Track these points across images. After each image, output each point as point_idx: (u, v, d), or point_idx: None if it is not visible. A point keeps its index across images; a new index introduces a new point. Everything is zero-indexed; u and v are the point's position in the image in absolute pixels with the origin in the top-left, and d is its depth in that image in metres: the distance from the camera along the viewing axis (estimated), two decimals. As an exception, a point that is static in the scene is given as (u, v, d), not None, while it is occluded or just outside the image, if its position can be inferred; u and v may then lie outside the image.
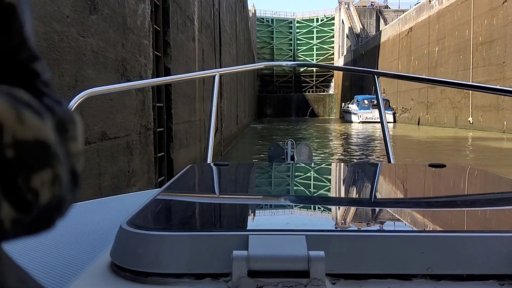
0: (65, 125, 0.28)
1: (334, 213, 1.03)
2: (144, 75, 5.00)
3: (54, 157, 0.26)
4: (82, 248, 1.00)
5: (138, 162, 4.71)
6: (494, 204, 1.09)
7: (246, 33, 32.61)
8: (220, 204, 1.09)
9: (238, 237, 0.68)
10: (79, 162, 0.30)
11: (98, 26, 3.64)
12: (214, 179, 1.46)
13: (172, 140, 6.51)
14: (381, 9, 61.56)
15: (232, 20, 19.77)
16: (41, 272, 0.88)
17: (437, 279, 0.67)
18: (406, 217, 0.95)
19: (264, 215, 1.03)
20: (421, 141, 19.38)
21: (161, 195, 1.03)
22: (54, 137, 0.27)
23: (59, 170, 0.27)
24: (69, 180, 0.28)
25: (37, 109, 0.26)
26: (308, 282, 0.62)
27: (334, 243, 0.68)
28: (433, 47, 30.88)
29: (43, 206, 0.26)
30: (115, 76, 4.05)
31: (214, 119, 2.17)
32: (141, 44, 4.94)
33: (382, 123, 2.28)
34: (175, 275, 0.67)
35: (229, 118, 16.38)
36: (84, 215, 1.27)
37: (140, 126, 4.82)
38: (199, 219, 0.97)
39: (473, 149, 15.30)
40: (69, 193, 0.28)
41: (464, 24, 26.49)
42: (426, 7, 32.56)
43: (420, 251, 0.67)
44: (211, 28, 11.53)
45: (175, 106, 6.60)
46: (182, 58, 7.42)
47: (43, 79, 0.30)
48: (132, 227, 0.72)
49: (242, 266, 0.62)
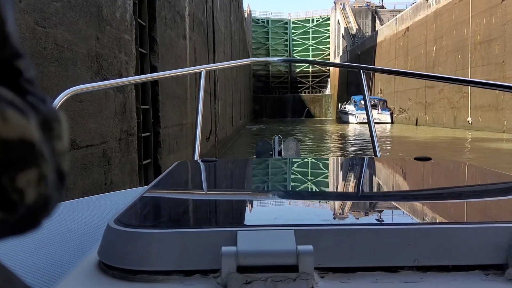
0: (50, 124, 0.28)
1: (322, 207, 1.04)
2: (125, 74, 4.45)
3: (39, 156, 0.26)
4: (70, 247, 0.99)
5: (118, 172, 4.16)
6: (478, 196, 1.10)
7: (242, 34, 32.12)
8: (208, 201, 1.09)
9: (227, 233, 0.68)
10: (65, 160, 0.29)
11: (63, 15, 3.09)
12: (202, 176, 1.45)
13: (160, 145, 5.97)
14: (376, 9, 61.33)
15: (227, 19, 19.27)
16: (28, 273, 0.87)
17: (423, 271, 0.68)
18: (392, 210, 0.97)
19: (252, 210, 1.02)
20: (419, 141, 18.99)
21: (149, 192, 1.02)
22: (39, 135, 0.27)
23: (44, 169, 0.27)
24: (55, 179, 0.28)
25: (21, 108, 0.26)
26: (297, 276, 0.63)
27: (322, 237, 0.68)
28: (430, 47, 30.59)
29: (29, 205, 0.26)
30: (87, 74, 3.50)
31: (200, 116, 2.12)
32: (121, 39, 4.39)
33: (368, 118, 2.27)
34: (164, 272, 0.66)
35: (224, 119, 15.87)
36: (71, 214, 1.26)
37: (120, 132, 4.27)
38: (187, 216, 0.96)
39: (473, 150, 14.88)
40: (55, 192, 0.28)
41: (462, 23, 26.23)
42: (423, 6, 32.25)
43: (407, 243, 0.68)
44: (204, 26, 11.00)
45: (163, 109, 6.05)
46: (171, 56, 6.87)
47: (27, 77, 0.29)
48: (119, 225, 0.71)
49: (231, 262, 0.63)
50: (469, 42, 25.23)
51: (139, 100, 5.22)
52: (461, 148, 15.90)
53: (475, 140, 18.54)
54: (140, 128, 5.21)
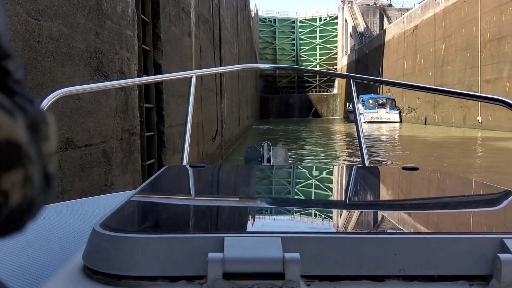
0: (37, 125, 0.28)
1: (310, 215, 1.03)
2: (127, 71, 4.29)
3: (25, 158, 0.26)
4: (54, 251, 0.98)
5: (119, 172, 4.00)
6: (464, 206, 1.10)
7: (248, 33, 31.95)
8: (196, 206, 1.09)
9: (214, 239, 0.68)
10: (52, 162, 0.29)
11: (59, 7, 2.93)
12: (189, 181, 1.45)
13: (164, 145, 5.80)
14: (384, 7, 60.91)
15: (233, 17, 19.10)
16: (11, 276, 0.86)
17: (409, 280, 0.68)
18: (379, 220, 0.97)
19: (239, 217, 1.01)
20: (428, 141, 18.72)
21: (136, 197, 1.02)
22: (25, 137, 0.26)
23: (30, 171, 0.26)
24: (41, 181, 0.28)
25: (8, 108, 0.25)
26: (283, 284, 0.63)
27: (309, 245, 0.68)
28: (439, 45, 30.25)
29: (13, 208, 0.26)
30: (86, 70, 3.34)
31: (190, 120, 2.11)
32: (123, 34, 4.23)
33: (357, 126, 2.27)
34: (149, 278, 0.66)
35: (230, 119, 15.71)
36: (56, 217, 1.24)
37: (121, 131, 4.11)
38: (174, 221, 0.95)
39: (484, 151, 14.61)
40: (41, 194, 0.28)
41: (471, 21, 25.92)
42: (432, 4, 31.91)
43: (393, 252, 0.68)
44: (210, 24, 10.83)
45: (167, 107, 5.89)
46: (176, 54, 6.71)
47: (15, 77, 0.29)
48: (105, 230, 0.71)
49: (217, 268, 0.62)
50: (478, 40, 24.92)
51: (142, 99, 5.06)
52: (472, 149, 15.62)
53: (486, 139, 18.25)
54: (144, 127, 5.05)
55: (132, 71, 4.46)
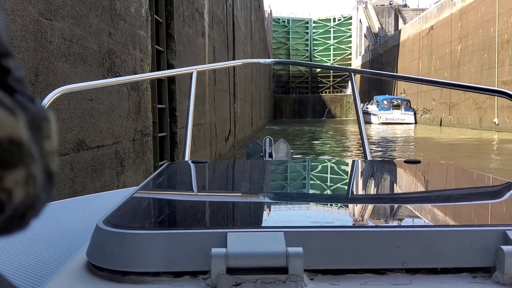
0: (38, 123, 0.28)
1: (312, 210, 1.03)
2: (140, 71, 4.27)
3: (27, 156, 0.26)
4: (58, 248, 0.98)
5: (132, 174, 3.97)
6: (467, 199, 1.10)
7: (262, 33, 31.89)
8: (198, 202, 1.08)
9: (217, 234, 0.68)
10: (54, 160, 0.29)
11: (72, 7, 2.91)
12: (192, 177, 1.44)
13: (177, 146, 5.78)
14: (399, 8, 60.41)
15: (247, 18, 19.07)
16: (15, 273, 0.86)
17: (412, 273, 0.68)
18: (382, 213, 0.97)
19: (242, 212, 1.01)
20: (443, 143, 18.47)
21: (138, 193, 1.01)
22: (27, 135, 0.26)
23: (33, 169, 0.26)
24: (44, 179, 0.28)
25: (9, 107, 0.25)
26: (287, 278, 0.63)
27: (312, 239, 0.68)
28: (455, 46, 29.88)
29: (17, 205, 0.26)
30: (99, 70, 3.32)
31: (191, 116, 2.11)
32: (136, 35, 4.21)
33: (358, 120, 2.27)
34: (153, 273, 0.66)
35: (243, 119, 15.68)
36: (59, 214, 1.24)
37: (134, 132, 4.09)
38: (177, 217, 0.95)
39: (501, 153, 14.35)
40: (43, 192, 0.28)
41: (488, 21, 25.55)
42: (448, 5, 31.54)
43: (396, 245, 0.68)
44: (224, 24, 10.80)
45: (180, 108, 5.86)
46: (189, 54, 6.68)
47: (16, 76, 0.29)
48: (108, 226, 0.71)
49: (220, 264, 0.63)
50: (495, 41, 24.55)
51: (155, 99, 5.03)
52: (488, 150, 15.36)
53: (503, 141, 17.94)
54: (156, 128, 5.02)
55: (145, 71, 4.44)
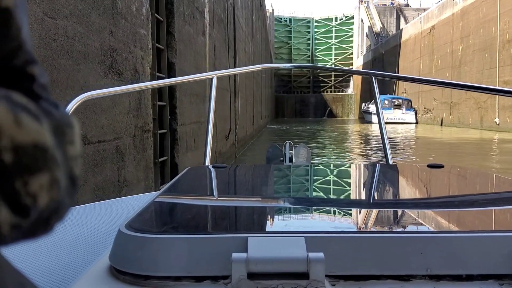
0: (62, 129, 0.28)
1: (333, 215, 1.02)
2: (141, 69, 4.36)
3: (52, 161, 0.27)
4: (81, 252, 0.99)
5: (132, 169, 4.07)
6: (493, 204, 1.08)
7: (263, 32, 31.97)
8: (219, 207, 1.09)
9: (237, 239, 0.68)
10: (77, 165, 0.30)
11: (74, 6, 3.01)
12: (212, 182, 1.45)
13: (177, 143, 5.87)
14: (401, 7, 60.39)
15: (248, 17, 19.15)
16: (40, 276, 0.87)
17: (436, 280, 0.67)
18: (405, 218, 0.96)
19: (263, 217, 1.01)
20: (444, 143, 18.53)
21: (160, 198, 1.03)
22: (51, 140, 0.27)
23: (57, 174, 0.27)
24: (67, 184, 0.29)
25: (34, 113, 0.26)
26: (308, 284, 0.62)
27: (333, 245, 0.68)
28: (456, 46, 29.91)
29: (41, 210, 0.26)
30: (100, 68, 3.42)
31: (212, 121, 2.12)
32: (137, 33, 4.31)
33: (380, 124, 2.25)
34: (175, 278, 0.66)
35: (244, 118, 15.76)
36: (82, 218, 1.26)
37: (134, 128, 4.18)
38: (198, 221, 0.95)
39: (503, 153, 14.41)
40: (67, 196, 0.29)
41: (489, 21, 25.57)
42: (449, 4, 31.56)
43: (419, 251, 0.67)
44: (225, 23, 10.89)
45: (180, 106, 5.96)
46: (190, 53, 6.78)
47: (40, 82, 0.30)
48: (131, 231, 0.72)
49: (241, 268, 0.62)
50: (497, 40, 24.57)
51: (156, 97, 5.13)
52: (489, 150, 15.43)
53: (504, 141, 18.00)
54: (156, 125, 5.12)
55: (145, 70, 4.54)
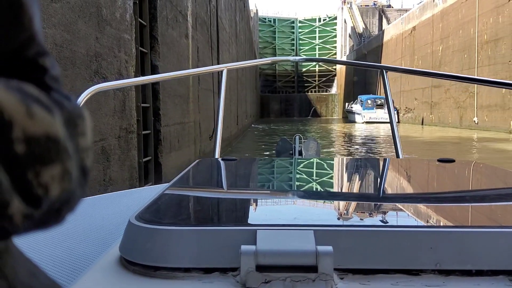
0: (74, 120, 0.29)
1: (342, 208, 1.02)
2: (125, 72, 4.55)
3: (63, 152, 0.27)
4: (92, 243, 1.00)
5: (117, 169, 4.26)
6: (504, 199, 1.07)
7: (247, 33, 32.17)
8: (228, 199, 1.10)
9: (246, 231, 0.68)
10: (88, 157, 0.30)
11: (62, 16, 3.19)
12: (222, 174, 1.45)
13: (161, 144, 6.06)
14: (383, 8, 61.11)
15: (232, 18, 19.34)
16: (51, 266, 0.88)
17: (446, 275, 0.66)
18: (414, 212, 0.95)
19: (272, 209, 1.01)
20: (425, 141, 18.96)
21: (169, 189, 1.04)
22: (63, 132, 0.27)
23: (68, 165, 0.27)
24: (79, 175, 0.29)
25: (46, 104, 0.26)
26: (316, 277, 0.62)
27: (342, 238, 0.68)
28: (437, 46, 30.49)
29: (53, 200, 0.27)
30: (86, 72, 3.61)
31: (222, 114, 2.13)
32: (121, 38, 4.49)
33: (390, 118, 2.24)
34: (184, 269, 0.67)
35: (229, 118, 15.96)
36: (93, 210, 1.28)
37: (119, 129, 4.37)
38: (207, 213, 0.96)
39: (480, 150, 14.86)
40: (78, 188, 0.29)
41: (468, 22, 26.14)
42: (429, 6, 32.15)
43: (429, 246, 0.67)
44: (208, 26, 11.08)
45: (164, 107, 6.15)
46: (173, 55, 6.97)
47: (52, 74, 0.30)
48: (140, 222, 0.72)
49: (250, 261, 0.62)
50: (475, 41, 25.13)
51: (139, 98, 5.32)
52: (468, 148, 15.87)
53: (481, 140, 18.48)
54: (140, 126, 5.31)
55: (129, 73, 4.73)
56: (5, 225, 0.25)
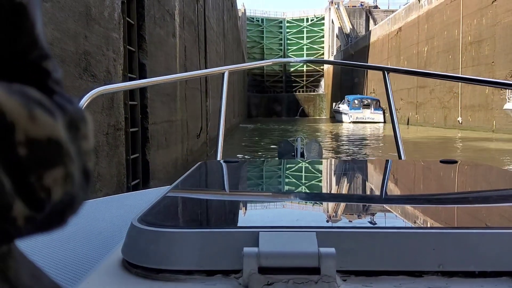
0: (76, 124, 0.29)
1: (345, 210, 1.02)
2: (113, 70, 4.64)
3: (65, 155, 0.27)
4: (94, 245, 1.01)
5: (105, 165, 4.35)
6: (507, 200, 1.07)
7: (235, 32, 32.27)
8: (230, 201, 1.10)
9: (249, 233, 0.68)
10: (90, 160, 0.30)
11: (53, 15, 3.28)
12: (224, 176, 1.46)
13: (148, 141, 6.15)
14: (370, 9, 61.64)
15: (220, 18, 19.43)
16: (53, 269, 0.88)
17: (449, 276, 0.66)
18: (417, 214, 0.94)
19: (274, 211, 1.02)
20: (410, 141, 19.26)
21: (172, 192, 1.03)
22: (65, 135, 0.27)
23: (71, 168, 0.27)
24: (81, 178, 0.29)
25: (48, 108, 0.26)
26: (319, 279, 0.62)
27: (344, 240, 0.68)
28: (422, 47, 30.90)
29: (55, 203, 0.27)
30: (75, 70, 3.69)
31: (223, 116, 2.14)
32: (109, 37, 4.58)
33: (392, 119, 2.24)
34: (186, 271, 0.67)
35: (216, 118, 16.02)
36: (95, 212, 1.28)
37: (107, 126, 4.46)
38: (210, 216, 0.97)
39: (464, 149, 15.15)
40: (80, 190, 0.29)
41: (453, 23, 26.54)
42: (415, 7, 32.56)
43: (432, 247, 0.67)
44: (195, 25, 11.17)
45: (151, 105, 6.24)
46: (161, 54, 7.06)
47: (54, 77, 0.30)
48: (143, 224, 0.72)
49: (252, 263, 0.62)
50: (460, 42, 25.53)
51: (127, 96, 5.40)
52: (452, 147, 16.15)
53: (465, 139, 18.81)
54: (128, 123, 5.39)
55: (117, 71, 4.81)
56: (7, 228, 0.25)
